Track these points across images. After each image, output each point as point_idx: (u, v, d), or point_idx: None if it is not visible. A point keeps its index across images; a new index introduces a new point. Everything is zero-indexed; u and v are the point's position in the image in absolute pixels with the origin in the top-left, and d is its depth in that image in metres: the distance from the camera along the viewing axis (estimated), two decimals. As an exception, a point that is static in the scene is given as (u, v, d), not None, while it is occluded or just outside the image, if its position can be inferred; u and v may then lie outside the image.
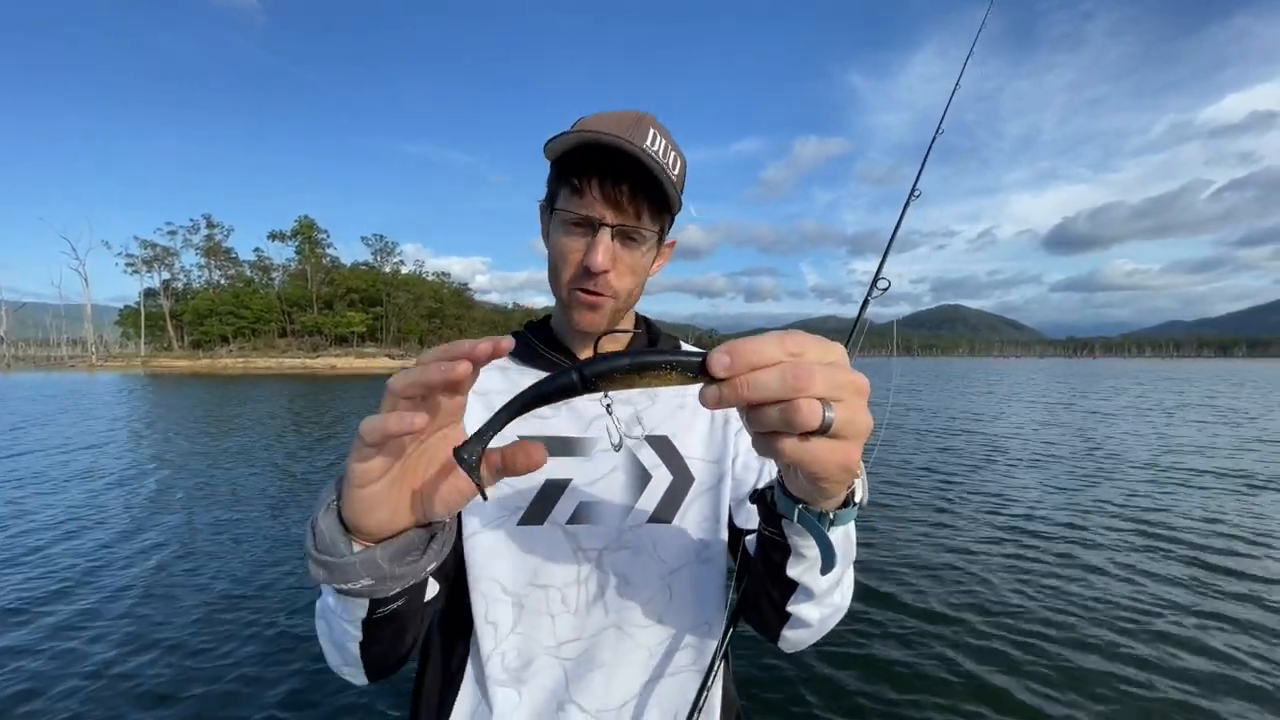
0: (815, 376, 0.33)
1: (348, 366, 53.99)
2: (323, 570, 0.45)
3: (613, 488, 0.73)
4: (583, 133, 0.65)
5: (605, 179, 0.66)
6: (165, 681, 2.84)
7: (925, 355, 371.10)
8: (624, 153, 0.64)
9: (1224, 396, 21.77)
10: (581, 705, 0.68)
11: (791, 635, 0.65)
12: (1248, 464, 8.31)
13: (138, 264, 65.67)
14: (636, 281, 0.73)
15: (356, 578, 0.45)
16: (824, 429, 0.33)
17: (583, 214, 0.67)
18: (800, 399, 0.33)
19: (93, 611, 3.58)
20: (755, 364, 0.33)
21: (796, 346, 0.34)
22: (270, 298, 65.38)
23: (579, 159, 0.66)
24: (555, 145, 0.67)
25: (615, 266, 0.69)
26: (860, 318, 0.90)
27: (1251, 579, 4.10)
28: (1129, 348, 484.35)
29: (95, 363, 55.49)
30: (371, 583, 0.45)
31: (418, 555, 0.47)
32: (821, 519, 0.47)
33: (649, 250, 0.72)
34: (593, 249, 0.66)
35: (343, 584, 0.45)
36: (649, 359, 0.34)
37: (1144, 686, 2.81)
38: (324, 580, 0.46)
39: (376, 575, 0.45)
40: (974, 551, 4.63)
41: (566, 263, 0.69)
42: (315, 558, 0.45)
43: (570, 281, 0.70)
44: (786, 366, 0.33)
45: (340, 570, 0.44)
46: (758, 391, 0.33)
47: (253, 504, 6.12)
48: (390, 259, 77.25)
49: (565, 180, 0.68)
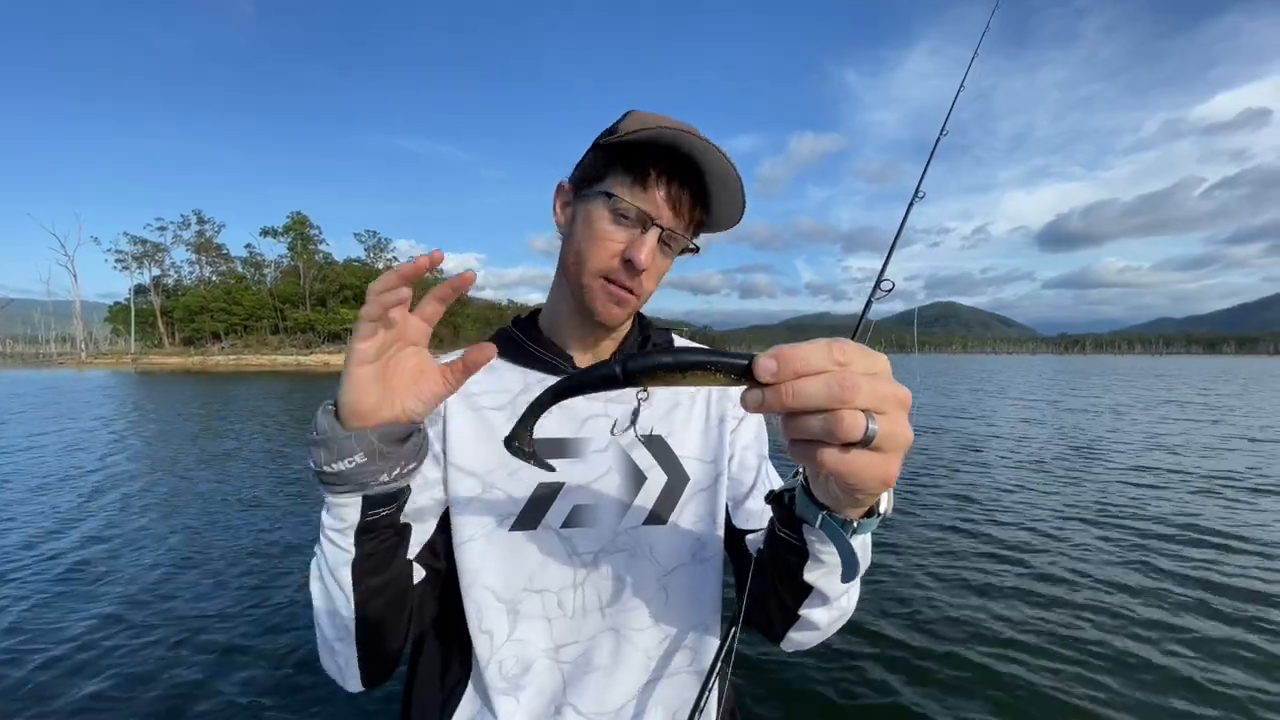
0: (861, 387, 0.32)
1: (340, 363, 53.55)
2: (321, 450, 0.50)
3: (608, 489, 0.71)
4: (671, 129, 0.62)
5: (674, 180, 0.65)
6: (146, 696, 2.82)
7: (919, 351, 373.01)
8: (698, 162, 0.63)
9: (1191, 392, 22.12)
10: (580, 709, 0.68)
11: (797, 637, 0.64)
12: (1204, 462, 8.43)
13: (127, 260, 65.00)
14: (656, 282, 0.72)
15: (351, 450, 0.49)
16: (866, 441, 0.33)
17: (640, 207, 0.64)
18: (844, 410, 0.32)
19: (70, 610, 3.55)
20: (801, 371, 0.32)
21: (843, 355, 0.33)
22: (262, 294, 64.82)
23: (654, 152, 0.64)
24: (631, 127, 0.64)
25: (649, 269, 0.67)
26: (864, 317, 0.89)
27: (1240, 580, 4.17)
28: (1119, 344, 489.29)
29: (84, 359, 54.94)
30: (364, 459, 0.50)
31: (400, 443, 0.52)
32: (845, 526, 0.46)
33: (673, 258, 0.72)
34: (639, 244, 0.65)
35: (338, 459, 0.49)
36: (695, 358, 0.33)
37: (1147, 686, 2.84)
38: (323, 460, 0.50)
39: (368, 449, 0.50)
40: (973, 544, 4.69)
41: (602, 250, 0.66)
42: (314, 439, 0.50)
43: (601, 270, 0.67)
44: (832, 376, 0.32)
45: (337, 444, 0.49)
46: (802, 400, 0.32)
47: (230, 503, 6.07)
48: (384, 255, 76.70)
49: (630, 168, 0.65)
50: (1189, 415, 13.96)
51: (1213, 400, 18.32)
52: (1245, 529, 5.01)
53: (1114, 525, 5.17)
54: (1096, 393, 21.52)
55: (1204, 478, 7.06)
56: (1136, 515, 5.46)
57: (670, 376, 0.34)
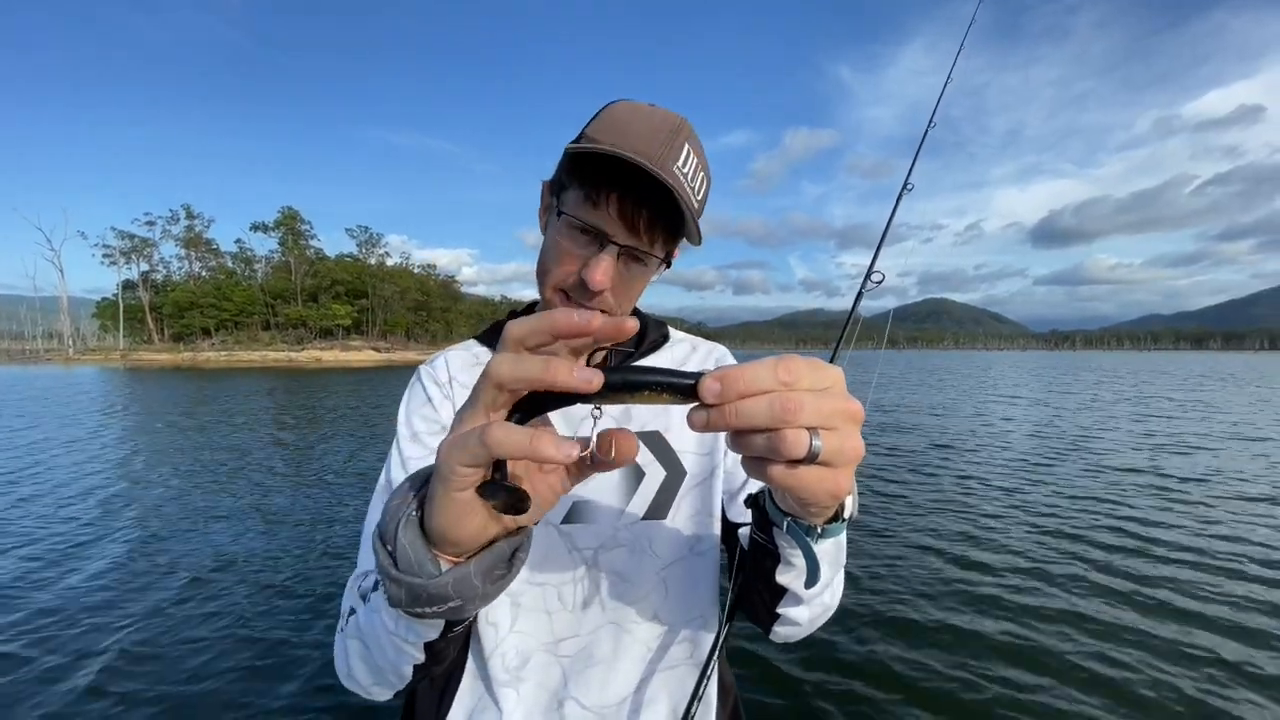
0: (805, 407, 0.32)
1: (333, 359, 53.39)
2: (405, 593, 0.40)
3: (606, 486, 0.72)
4: (607, 149, 0.58)
5: (626, 198, 0.61)
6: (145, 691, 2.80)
7: (911, 348, 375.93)
8: (651, 176, 0.58)
9: (1152, 386, 22.41)
10: (581, 702, 0.68)
11: (782, 631, 0.66)
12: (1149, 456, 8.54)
13: (115, 255, 64.24)
14: (631, 299, 0.69)
15: (447, 599, 0.40)
16: (810, 458, 0.33)
17: (593, 225, 0.62)
18: (787, 429, 0.33)
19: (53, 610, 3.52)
20: (745, 392, 0.32)
21: (789, 375, 0.33)
22: (253, 290, 64.28)
23: (600, 166, 0.61)
24: (577, 151, 0.60)
25: (613, 286, 0.64)
26: (854, 310, 0.89)
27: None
28: (1108, 341, 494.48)
29: (72, 356, 54.27)
30: (459, 604, 0.40)
31: (505, 569, 0.42)
32: (810, 532, 0.47)
33: (653, 267, 0.68)
34: (594, 265, 0.62)
35: (429, 607, 0.40)
36: (642, 378, 0.33)
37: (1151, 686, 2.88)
38: (406, 605, 0.41)
39: (469, 595, 0.40)
40: (970, 536, 4.75)
41: (560, 266, 0.65)
42: (398, 579, 0.40)
43: (559, 285, 0.66)
44: (775, 396, 0.32)
45: (429, 593, 0.39)
46: (745, 419, 0.32)
47: (237, 502, 6.03)
48: (375, 250, 76.45)
49: (581, 183, 0.62)
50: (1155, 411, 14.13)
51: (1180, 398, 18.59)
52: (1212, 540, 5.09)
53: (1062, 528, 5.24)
54: (1064, 390, 21.78)
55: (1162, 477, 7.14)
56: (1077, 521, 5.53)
57: (619, 396, 0.33)
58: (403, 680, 0.56)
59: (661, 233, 0.64)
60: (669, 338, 0.84)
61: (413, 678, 0.55)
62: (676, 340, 0.85)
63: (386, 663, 0.53)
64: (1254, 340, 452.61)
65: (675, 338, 0.85)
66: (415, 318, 69.99)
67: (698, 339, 0.87)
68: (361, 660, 0.55)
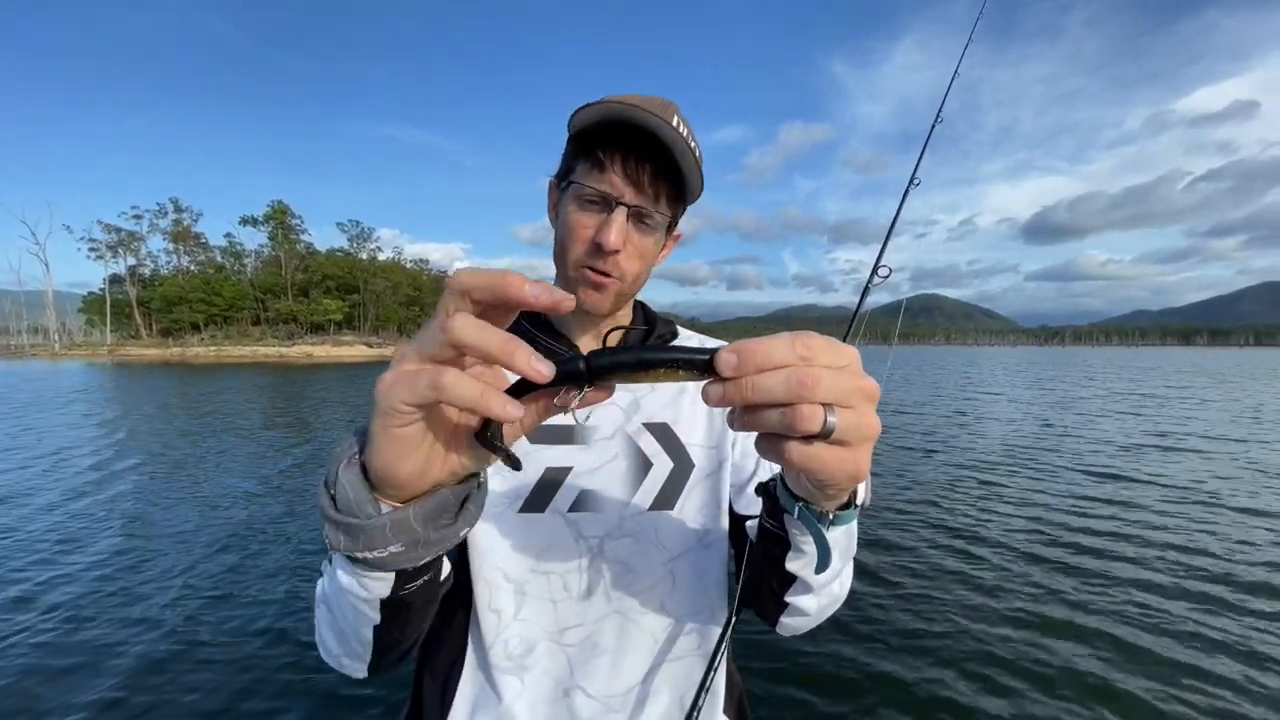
0: (821, 382, 0.32)
1: (325, 355, 52.87)
2: (344, 536, 0.39)
3: (614, 476, 0.72)
4: (614, 104, 0.63)
5: (629, 156, 0.64)
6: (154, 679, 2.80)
7: (903, 343, 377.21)
8: (652, 133, 0.62)
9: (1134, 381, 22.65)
10: (588, 691, 0.68)
11: (789, 622, 0.66)
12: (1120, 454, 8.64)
13: (102, 249, 63.11)
14: (644, 267, 0.72)
15: (386, 543, 0.39)
16: (825, 434, 0.33)
17: (601, 190, 0.65)
18: (802, 404, 0.32)
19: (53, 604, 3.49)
20: (762, 365, 0.32)
21: (806, 350, 0.33)
22: (243, 285, 63.44)
23: (604, 134, 0.65)
24: (582, 115, 0.65)
25: (626, 248, 0.67)
26: (861, 304, 0.90)
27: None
28: (1096, 336, 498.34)
29: (58, 351, 53.44)
30: (401, 549, 0.40)
31: (451, 518, 0.41)
32: (821, 519, 0.47)
33: (660, 237, 0.71)
34: (606, 226, 0.65)
35: (368, 550, 0.40)
36: (656, 355, 0.33)
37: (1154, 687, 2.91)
38: (346, 548, 0.40)
39: (408, 539, 0.40)
40: (971, 535, 4.78)
41: (576, 239, 0.67)
42: (336, 520, 0.39)
43: (579, 259, 0.68)
44: (793, 370, 0.32)
45: (367, 534, 0.39)
46: (761, 394, 0.32)
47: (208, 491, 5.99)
48: (367, 245, 75.62)
49: (587, 153, 0.66)
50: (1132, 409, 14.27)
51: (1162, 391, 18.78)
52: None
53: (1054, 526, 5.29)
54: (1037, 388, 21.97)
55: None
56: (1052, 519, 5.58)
57: (634, 374, 0.34)
58: (366, 647, 0.53)
59: (666, 190, 0.67)
60: (677, 334, 0.86)
61: (375, 647, 0.53)
62: (684, 337, 0.86)
63: (348, 625, 0.52)
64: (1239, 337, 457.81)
65: (683, 335, 0.86)
66: (407, 313, 69.39)
67: (705, 337, 0.88)
68: (329, 628, 0.55)
